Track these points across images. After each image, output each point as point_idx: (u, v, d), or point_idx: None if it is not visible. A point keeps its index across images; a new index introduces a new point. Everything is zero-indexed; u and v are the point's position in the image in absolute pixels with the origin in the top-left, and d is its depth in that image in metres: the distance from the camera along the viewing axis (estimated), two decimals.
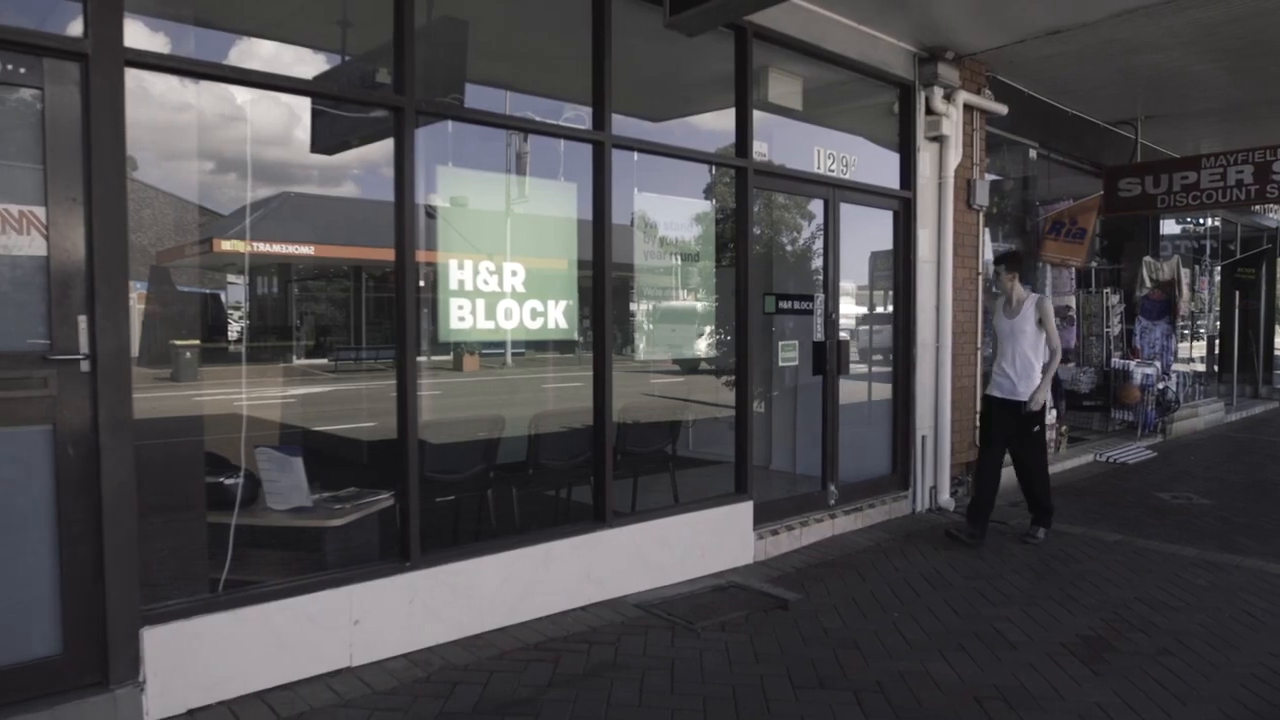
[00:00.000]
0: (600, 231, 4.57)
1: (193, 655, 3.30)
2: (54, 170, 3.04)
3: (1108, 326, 10.01)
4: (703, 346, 5.53)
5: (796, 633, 4.18)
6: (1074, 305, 9.83)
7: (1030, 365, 5.65)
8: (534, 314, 4.39)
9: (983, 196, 7.02)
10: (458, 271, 4.12)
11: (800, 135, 6.16)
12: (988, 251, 7.45)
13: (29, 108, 3.06)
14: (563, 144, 4.68)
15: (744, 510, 5.29)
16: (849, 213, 6.16)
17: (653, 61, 5.66)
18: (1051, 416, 8.27)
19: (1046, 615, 4.42)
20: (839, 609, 4.50)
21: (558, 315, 4.50)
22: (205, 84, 3.83)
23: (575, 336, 4.65)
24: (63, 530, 3.07)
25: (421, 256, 4.02)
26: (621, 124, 4.70)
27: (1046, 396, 5.73)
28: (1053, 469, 8.05)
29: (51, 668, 3.07)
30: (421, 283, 4.13)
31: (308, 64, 5.57)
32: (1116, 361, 9.93)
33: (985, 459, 5.88)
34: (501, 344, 5.91)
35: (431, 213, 4.18)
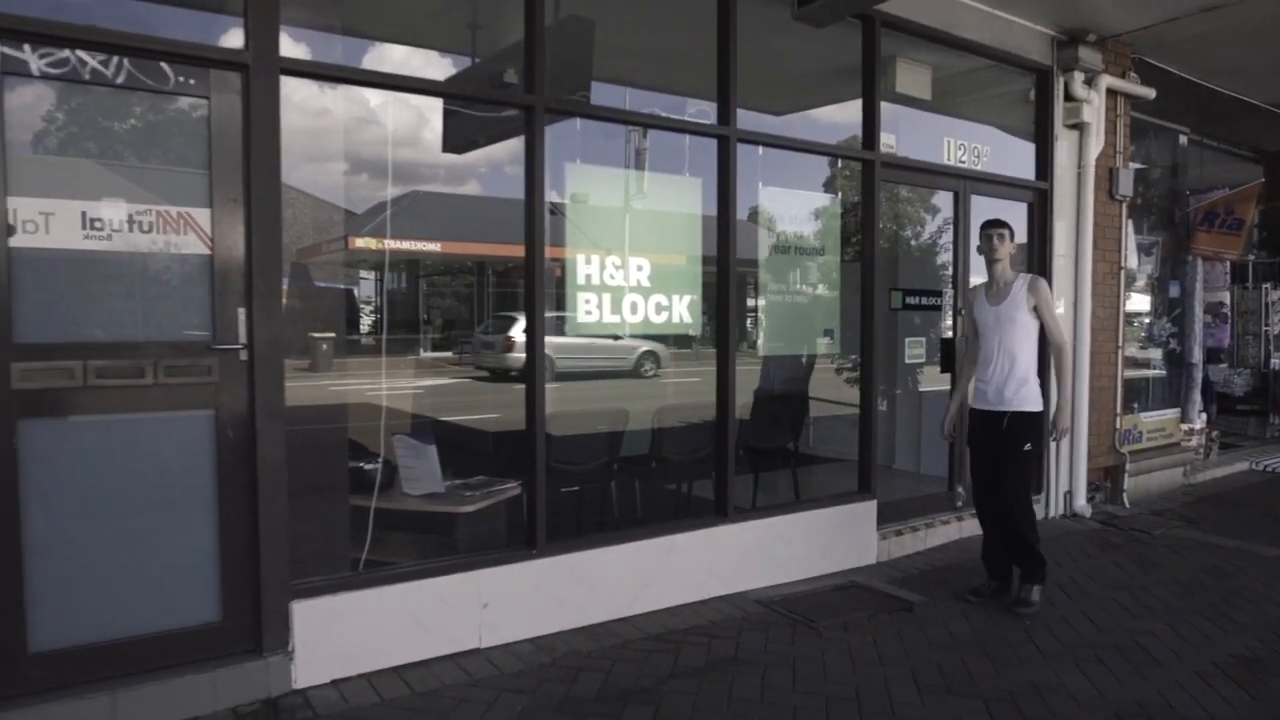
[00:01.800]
0: (724, 226, 4.57)
1: (336, 629, 3.49)
2: (218, 173, 3.27)
3: (1266, 325, 9.29)
4: (825, 343, 5.44)
5: (922, 636, 4.08)
6: (1228, 302, 9.16)
7: (1019, 365, 4.38)
8: (659, 308, 4.44)
9: (1126, 186, 6.63)
10: (585, 266, 4.21)
11: (929, 126, 5.98)
12: (1131, 245, 7.05)
13: (187, 116, 3.30)
14: (687, 139, 4.69)
15: (867, 510, 5.19)
16: (979, 205, 5.93)
17: (776, 55, 5.60)
18: (1200, 421, 7.75)
19: (1196, 632, 4.16)
20: (966, 614, 4.36)
21: (682, 310, 4.54)
22: (342, 89, 4.04)
23: (699, 331, 4.66)
24: (223, 507, 3.31)
25: (548, 252, 4.12)
26: (744, 118, 4.68)
27: (1035, 404, 4.39)
28: (1201, 477, 7.60)
29: (212, 634, 3.32)
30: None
31: (435, 67, 5.77)
32: (1276, 362, 9.21)
33: (978, 496, 4.68)
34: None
35: (556, 209, 4.27)
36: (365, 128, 5.13)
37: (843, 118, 5.63)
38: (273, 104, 3.30)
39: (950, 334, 5.86)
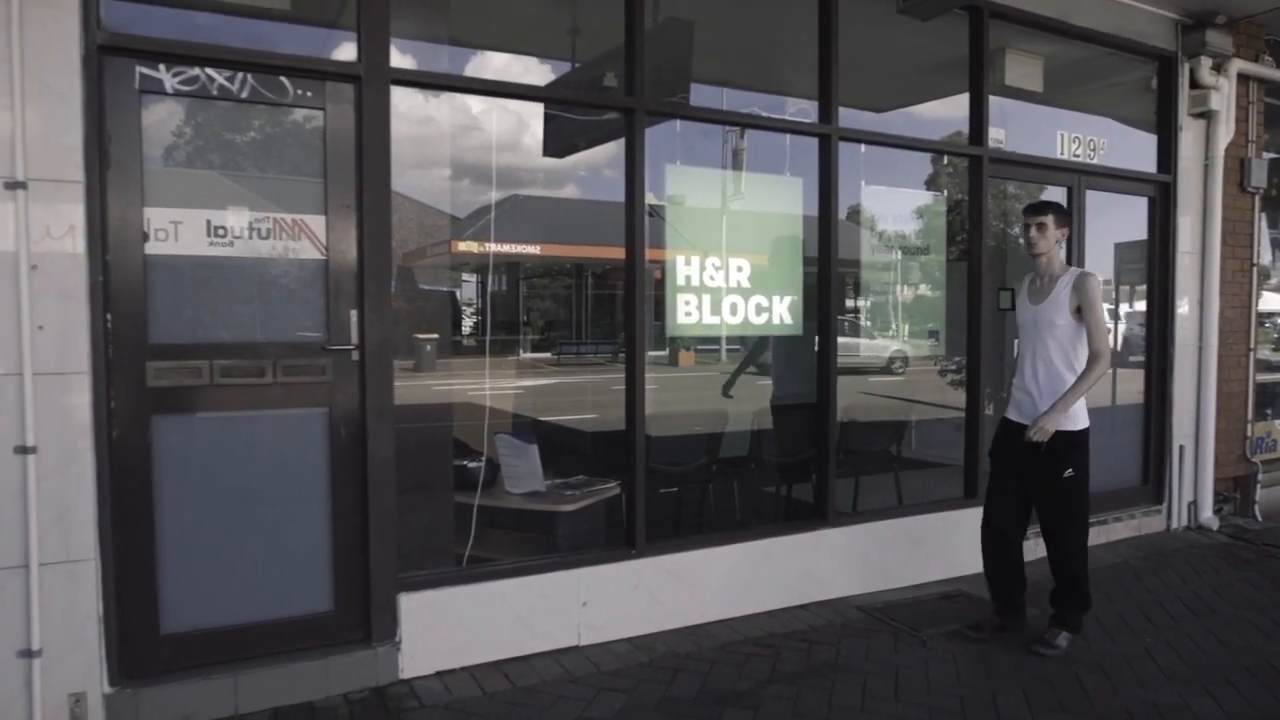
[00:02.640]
0: (826, 225, 4.51)
1: (441, 622, 3.59)
2: (333, 180, 3.41)
3: None
4: (929, 344, 5.30)
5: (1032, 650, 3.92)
6: None
7: (1059, 377, 3.79)
8: (759, 309, 4.41)
9: (1259, 177, 6.21)
10: (684, 267, 4.22)
11: (1040, 119, 5.74)
12: (1264, 240, 6.61)
13: (304, 127, 3.45)
14: (788, 139, 4.65)
15: (974, 516, 5.01)
16: (1094, 201, 5.67)
17: (878, 51, 5.48)
18: None
19: None
20: (1081, 628, 4.17)
21: (783, 310, 4.49)
22: (445, 98, 4.16)
23: (800, 332, 4.60)
24: (335, 502, 3.45)
25: (647, 253, 4.15)
26: (845, 116, 4.60)
27: (1076, 422, 3.78)
28: None
29: (324, 623, 3.46)
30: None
31: (534, 73, 5.87)
32: None
33: (988, 509, 4.10)
34: (716, 340, 5.97)
35: (655, 211, 4.29)
36: (467, 134, 5.27)
37: (946, 113, 5.47)
38: (384, 113, 3.42)
39: None
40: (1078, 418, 3.81)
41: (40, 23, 2.88)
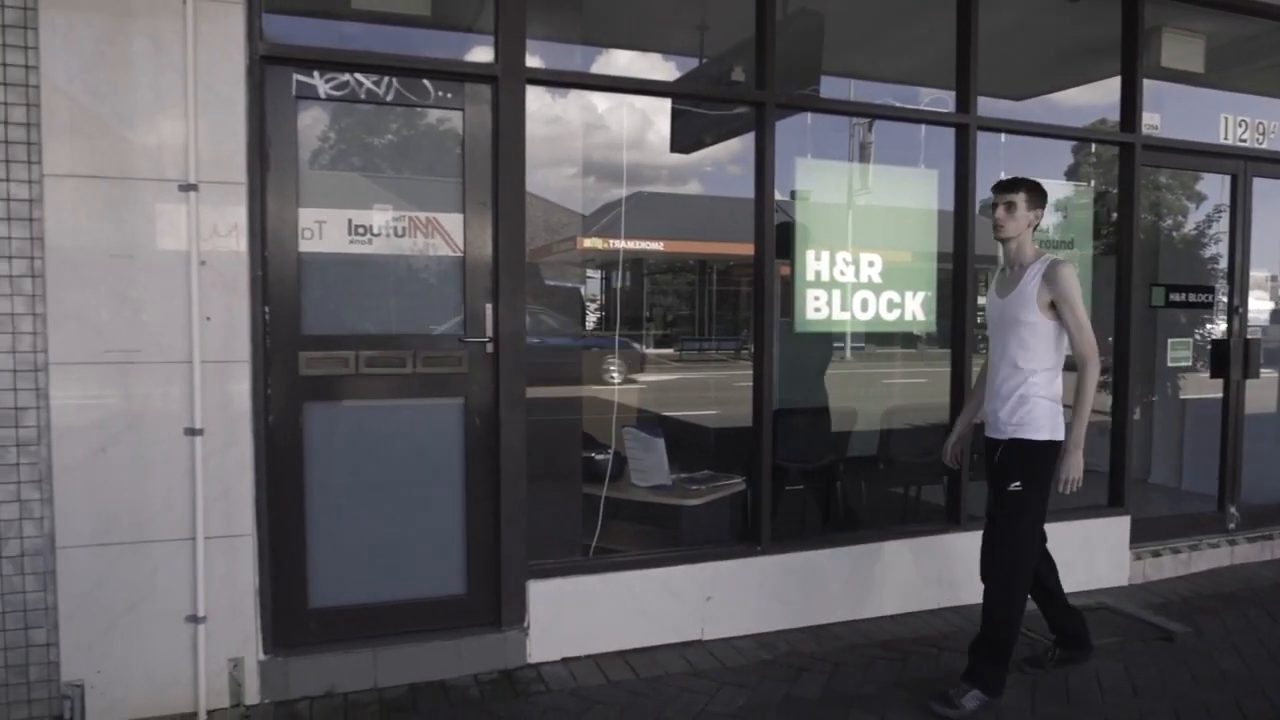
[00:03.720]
0: (962, 218, 4.36)
1: (568, 610, 3.67)
2: (470, 179, 3.53)
3: None
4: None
5: (1185, 670, 3.67)
6: None
7: (1022, 378, 3.26)
8: (890, 305, 4.31)
9: None
10: (814, 262, 4.15)
11: (1200, 102, 5.35)
12: None
13: (443, 128, 3.58)
14: (923, 129, 4.51)
15: (1119, 526, 4.75)
16: (1262, 189, 5.25)
17: (1019, 35, 5.24)
18: None
19: None
20: (1240, 649, 3.88)
21: (915, 307, 4.37)
22: (572, 96, 4.23)
23: (933, 329, 4.47)
24: (469, 489, 3.58)
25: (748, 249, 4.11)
26: (982, 105, 4.41)
27: (1037, 429, 3.24)
28: None
29: (457, 605, 3.59)
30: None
31: (659, 69, 5.89)
32: None
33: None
34: (841, 337, 5.86)
35: (783, 206, 4.24)
36: (592, 133, 5.35)
37: (1089, 99, 5.18)
38: (519, 112, 3.52)
39: (1224, 335, 5.22)
40: (1040, 425, 3.23)
41: (210, 37, 3.10)
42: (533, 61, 3.60)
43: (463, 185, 3.54)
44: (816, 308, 4.16)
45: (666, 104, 4.81)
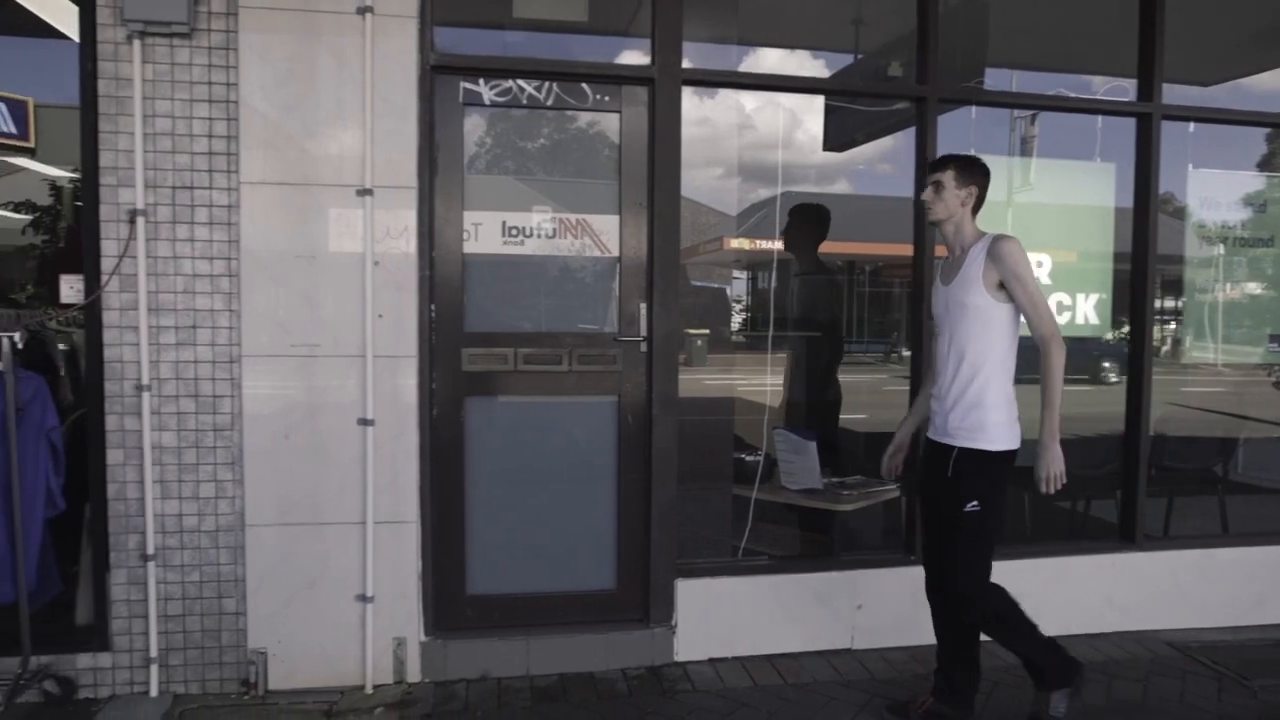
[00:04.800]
0: (1143, 215, 4.06)
1: (715, 610, 3.66)
2: (626, 180, 3.59)
3: None
4: (1270, 350, 4.59)
5: None
6: None
7: (968, 376, 2.89)
8: (1060, 308, 4.06)
9: None
10: None
11: None
12: None
13: (600, 130, 3.65)
14: (1099, 120, 4.23)
15: None
16: None
17: (1207, 15, 4.83)
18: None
19: None
20: None
21: (1088, 310, 4.11)
22: (720, 97, 4.21)
23: (1108, 334, 4.19)
24: (621, 486, 3.63)
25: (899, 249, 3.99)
26: (1166, 92, 4.10)
27: (991, 439, 2.86)
28: None
29: (606, 600, 3.65)
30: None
31: (807, 67, 5.79)
32: None
33: (925, 563, 3.21)
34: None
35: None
36: (740, 133, 5.32)
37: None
38: (675, 113, 3.55)
39: None
40: (994, 434, 2.86)
41: (387, 51, 3.29)
42: (687, 62, 3.61)
43: (618, 186, 3.60)
44: None
45: (815, 102, 4.73)
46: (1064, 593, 3.97)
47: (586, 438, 3.63)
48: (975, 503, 2.87)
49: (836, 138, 5.40)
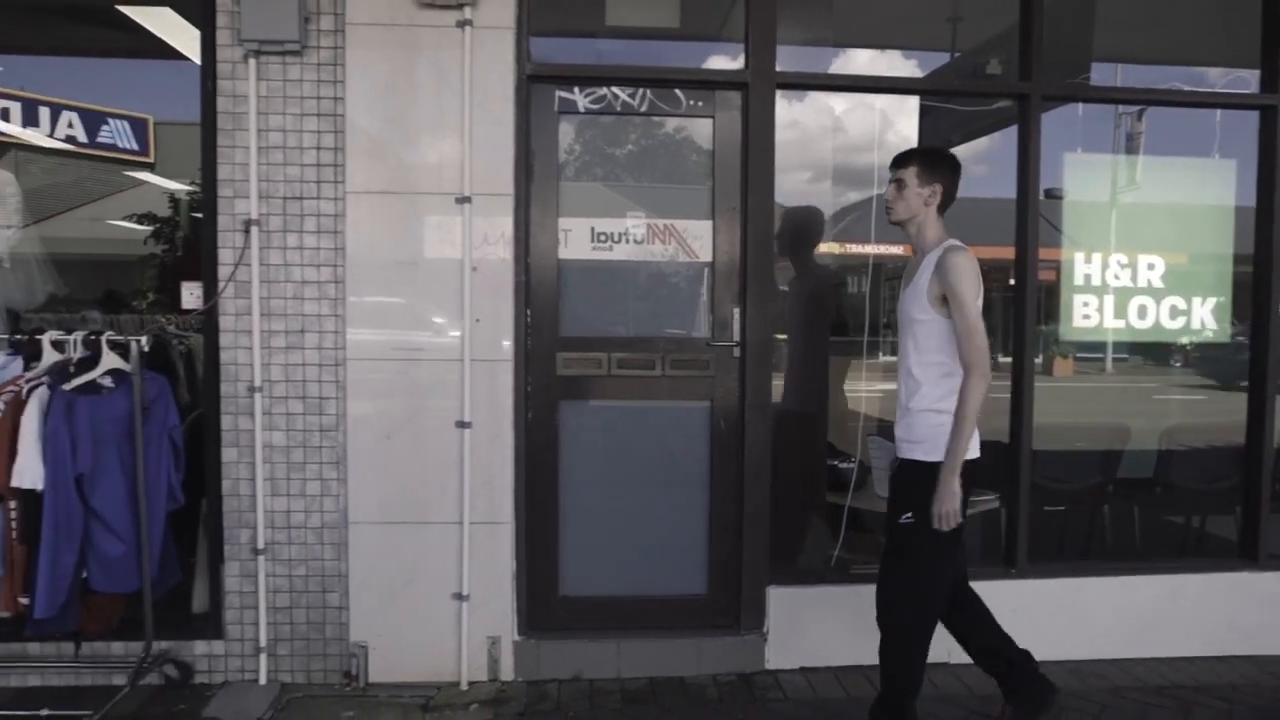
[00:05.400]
0: (1267, 214, 3.85)
1: (807, 618, 3.62)
2: (719, 185, 3.59)
3: None
4: None
5: None
6: None
7: (915, 387, 2.73)
8: (1174, 312, 3.88)
9: None
10: (1084, 265, 3.84)
11: None
12: None
13: (692, 135, 3.66)
14: (1217, 115, 4.03)
15: None
16: None
17: None
18: None
19: None
20: None
21: (1204, 314, 3.91)
22: (808, 100, 4.16)
23: (1226, 339, 3.98)
24: (713, 492, 3.63)
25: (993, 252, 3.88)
26: None
27: (932, 450, 2.68)
28: None
29: (698, 605, 3.65)
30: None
31: (898, 67, 5.69)
32: None
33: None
34: (1100, 347, 5.33)
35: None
36: (829, 136, 5.25)
37: None
38: (769, 116, 3.53)
39: None
40: (934, 444, 2.67)
41: (484, 61, 3.37)
42: (780, 65, 3.59)
43: (711, 191, 3.60)
44: (1085, 314, 3.85)
45: (907, 104, 4.62)
46: (1179, 612, 3.78)
47: (679, 442, 3.64)
48: (909, 515, 2.73)
49: (931, 139, 5.27)
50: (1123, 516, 4.38)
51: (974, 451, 2.72)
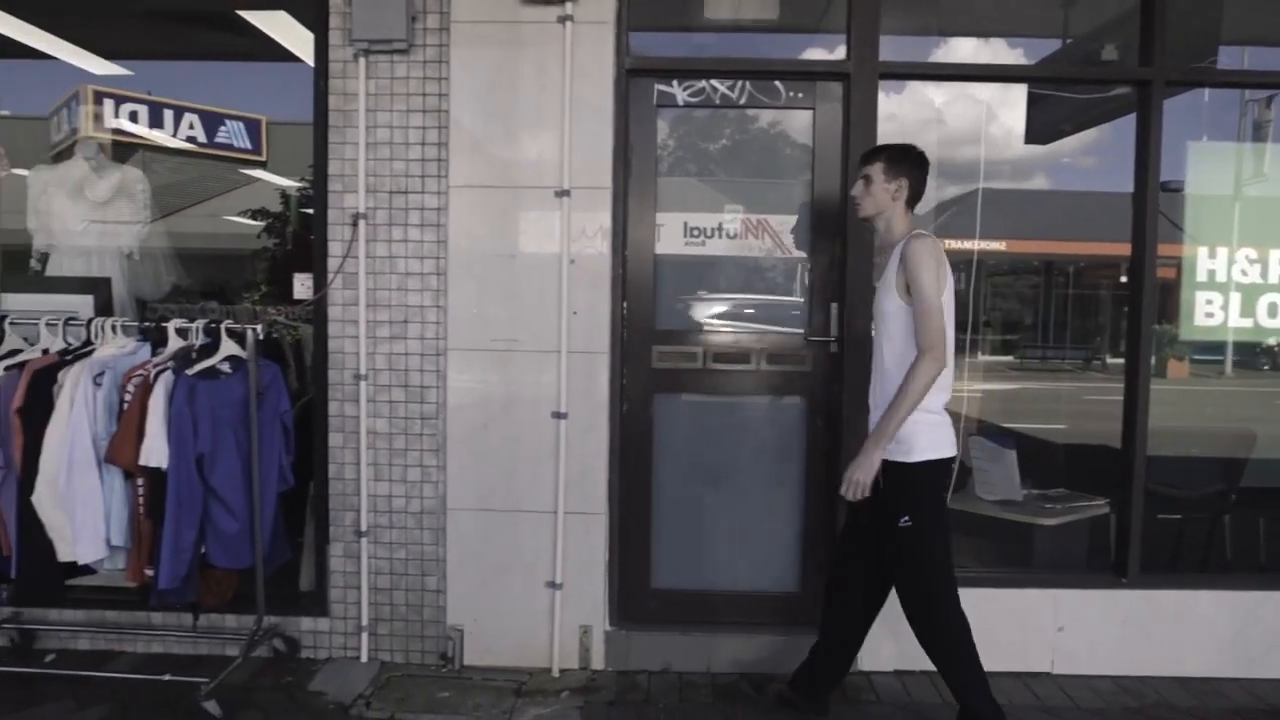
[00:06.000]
0: None
1: (902, 621, 3.48)
2: (819, 178, 3.53)
3: None
4: None
5: None
6: None
7: (893, 386, 2.70)
8: None
9: None
10: (1207, 261, 3.64)
11: None
12: None
13: (791, 128, 3.61)
14: None
15: None
16: None
17: None
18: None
19: None
20: None
21: None
22: (908, 91, 4.05)
23: None
24: (808, 489, 3.59)
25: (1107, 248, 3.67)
26: None
27: (910, 450, 2.70)
28: None
29: (789, 602, 3.62)
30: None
31: (1003, 55, 5.49)
32: None
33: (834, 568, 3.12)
34: (1219, 349, 5.05)
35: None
36: (929, 128, 5.11)
37: None
38: (871, 108, 3.46)
39: None
40: (912, 444, 2.69)
41: (584, 56, 3.40)
42: (883, 55, 3.51)
43: (810, 184, 3.55)
44: (1209, 313, 3.64)
45: (1012, 93, 4.46)
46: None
47: (773, 438, 3.61)
48: (906, 518, 2.74)
49: (1041, 129, 5.07)
50: (1247, 527, 4.13)
51: (947, 450, 2.77)
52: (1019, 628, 3.52)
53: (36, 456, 3.04)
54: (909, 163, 2.84)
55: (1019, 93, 4.44)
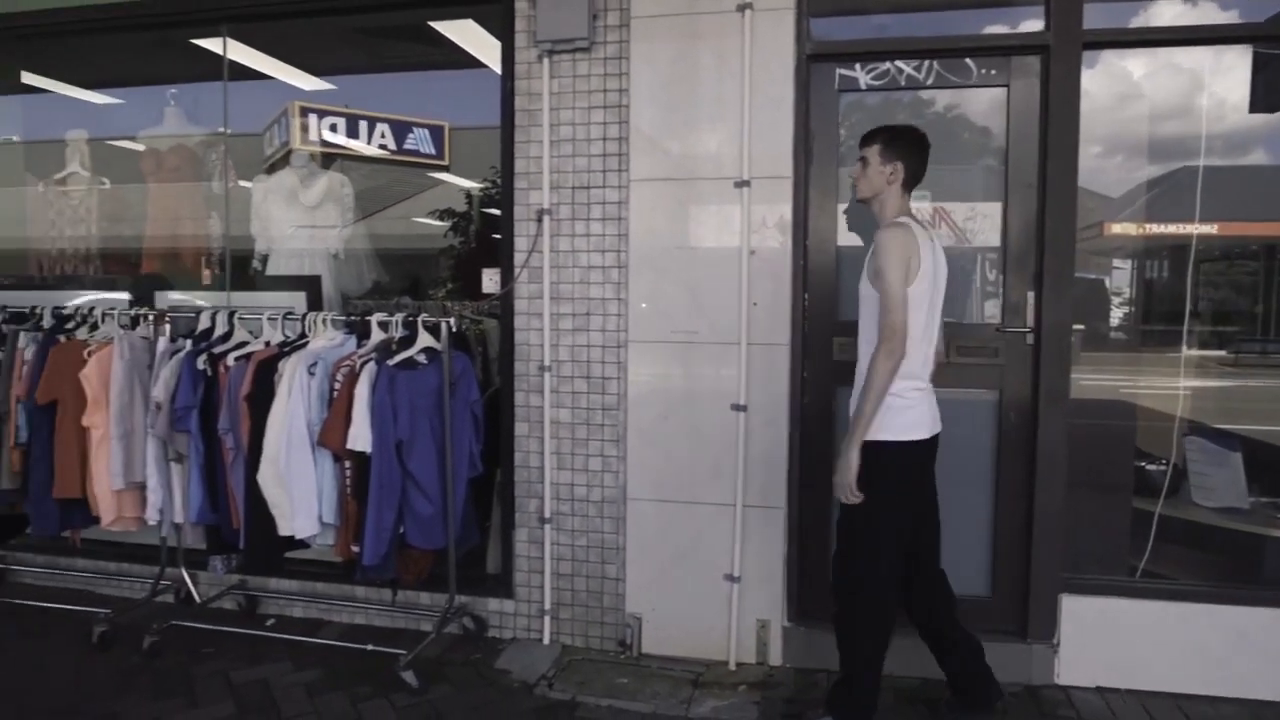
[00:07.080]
0: None
1: (1106, 633, 3.29)
2: (1014, 160, 3.33)
3: None
4: None
5: None
6: None
7: (864, 369, 2.70)
8: None
9: None
10: None
11: None
12: None
13: (982, 107, 3.41)
14: None
15: None
16: None
17: None
18: None
19: None
20: None
21: None
22: (1100, 64, 3.73)
23: None
24: (999, 488, 3.39)
25: None
26: None
27: (877, 428, 2.63)
28: None
29: (978, 607, 3.42)
30: None
31: (1209, 15, 5.00)
32: None
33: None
34: None
35: None
36: (1122, 105, 4.71)
37: None
38: (1075, 81, 3.22)
39: None
40: (880, 424, 2.66)
41: (764, 43, 3.36)
42: (1086, 23, 3.26)
43: (1004, 167, 3.35)
44: None
45: (1224, 60, 4.03)
46: None
47: (962, 434, 3.42)
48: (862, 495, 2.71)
49: (1268, 96, 4.58)
50: None
51: (922, 431, 2.74)
52: (1246, 649, 3.19)
53: (261, 439, 3.33)
54: (905, 145, 2.80)
55: (1230, 59, 4.01)
